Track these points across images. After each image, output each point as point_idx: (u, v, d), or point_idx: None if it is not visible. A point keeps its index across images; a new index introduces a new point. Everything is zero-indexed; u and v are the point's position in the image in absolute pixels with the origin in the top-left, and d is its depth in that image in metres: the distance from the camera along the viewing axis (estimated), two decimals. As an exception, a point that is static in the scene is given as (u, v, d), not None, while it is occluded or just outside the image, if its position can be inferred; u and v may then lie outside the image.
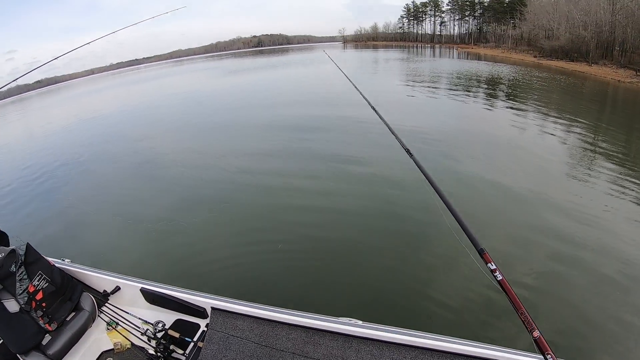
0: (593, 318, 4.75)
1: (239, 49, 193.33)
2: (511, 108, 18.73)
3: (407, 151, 2.70)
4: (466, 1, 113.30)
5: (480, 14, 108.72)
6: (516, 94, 24.68)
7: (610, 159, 11.16)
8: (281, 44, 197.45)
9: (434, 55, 71.65)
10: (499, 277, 1.18)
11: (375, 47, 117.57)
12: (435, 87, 25.53)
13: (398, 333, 2.45)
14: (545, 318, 4.72)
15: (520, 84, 30.31)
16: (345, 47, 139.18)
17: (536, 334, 0.91)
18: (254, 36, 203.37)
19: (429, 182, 2.23)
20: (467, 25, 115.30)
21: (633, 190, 8.77)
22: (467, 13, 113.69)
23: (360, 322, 2.63)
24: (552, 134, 14.21)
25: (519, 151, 12.11)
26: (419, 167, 2.47)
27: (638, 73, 44.05)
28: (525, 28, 74.26)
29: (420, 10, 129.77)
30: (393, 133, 3.00)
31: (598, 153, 11.79)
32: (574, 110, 18.55)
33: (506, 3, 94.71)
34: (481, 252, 1.33)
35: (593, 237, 6.66)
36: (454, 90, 24.58)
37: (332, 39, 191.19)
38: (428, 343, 2.34)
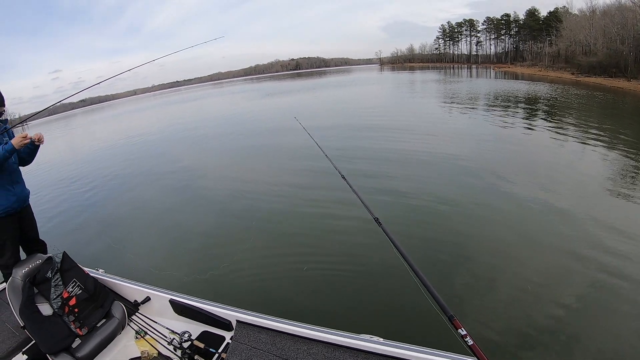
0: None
1: (277, 72, 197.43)
2: (550, 128, 17.89)
3: (376, 220, 2.76)
4: (501, 20, 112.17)
5: (516, 32, 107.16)
6: (555, 112, 23.98)
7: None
8: (319, 67, 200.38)
9: (470, 76, 70.07)
10: (470, 342, 1.26)
11: (411, 68, 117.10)
12: (474, 108, 25.04)
13: (419, 352, 2.44)
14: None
15: (557, 102, 29.49)
16: (382, 69, 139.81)
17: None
18: (292, 59, 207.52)
19: (395, 248, 2.35)
20: (503, 44, 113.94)
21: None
22: (502, 32, 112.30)
23: (381, 340, 2.64)
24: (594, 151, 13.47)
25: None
26: (386, 234, 2.59)
27: (627, 76, 42.08)
28: (562, 45, 72.32)
29: (456, 30, 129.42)
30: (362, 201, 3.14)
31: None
32: (616, 127, 17.82)
33: (542, 20, 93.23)
34: (451, 319, 1.41)
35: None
36: (493, 110, 24.26)
37: (368, 61, 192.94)
38: None
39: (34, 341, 3.34)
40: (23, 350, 3.43)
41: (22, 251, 4.26)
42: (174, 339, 3.52)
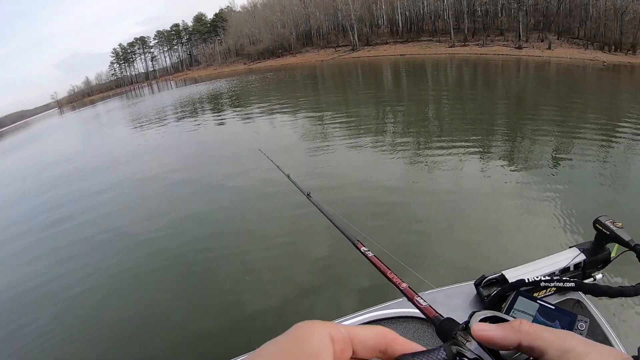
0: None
1: None
2: (238, 114, 19.76)
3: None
4: (172, 31, 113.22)
5: (187, 39, 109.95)
6: (240, 102, 26.15)
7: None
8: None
9: (152, 92, 68.62)
10: (370, 254, 1.30)
11: (92, 102, 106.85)
12: (165, 122, 23.65)
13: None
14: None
15: (238, 92, 32.61)
16: (62, 111, 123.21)
17: (404, 285, 1.06)
18: None
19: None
20: (177, 53, 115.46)
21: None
22: (174, 42, 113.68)
23: None
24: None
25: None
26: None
27: (336, 50, 49.57)
28: (231, 41, 77.15)
29: (129, 51, 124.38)
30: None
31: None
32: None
33: (209, 23, 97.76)
34: (355, 243, 1.44)
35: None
36: (184, 118, 23.71)
37: (47, 107, 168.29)
38: None
39: None
40: None
41: None
42: None
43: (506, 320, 0.42)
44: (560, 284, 1.07)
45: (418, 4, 47.30)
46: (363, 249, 1.33)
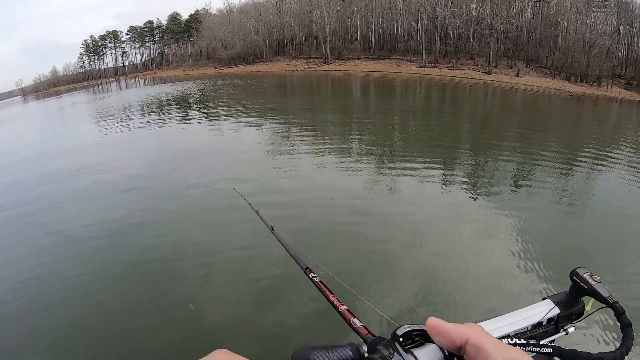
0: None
1: None
2: (207, 117, 20.48)
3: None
4: (145, 28, 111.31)
5: (160, 37, 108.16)
6: (207, 104, 26.83)
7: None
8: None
9: (120, 89, 67.09)
10: (317, 280, 1.37)
11: (58, 92, 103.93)
12: (128, 119, 23.19)
13: None
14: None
15: (206, 95, 32.93)
16: (25, 100, 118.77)
17: (343, 307, 1.11)
18: None
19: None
20: (148, 51, 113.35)
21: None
22: (147, 39, 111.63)
23: None
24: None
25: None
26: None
27: (308, 61, 49.37)
28: (204, 43, 76.53)
29: (100, 44, 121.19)
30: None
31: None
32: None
33: (184, 23, 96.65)
34: (305, 269, 1.53)
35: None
36: (147, 117, 23.25)
37: (10, 94, 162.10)
38: None
39: None
40: None
41: None
42: None
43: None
44: (537, 349, 0.85)
45: (392, 22, 47.60)
46: (312, 275, 1.41)
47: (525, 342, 0.92)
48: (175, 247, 6.40)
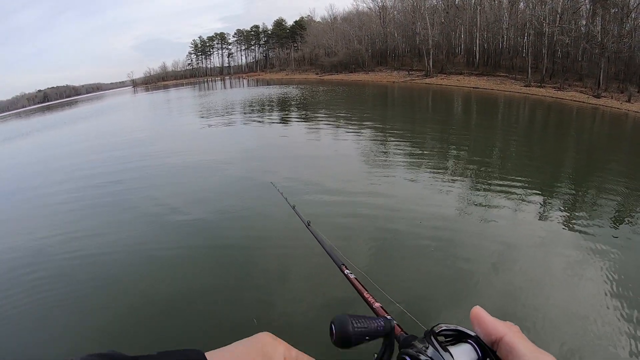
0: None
1: (24, 107, 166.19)
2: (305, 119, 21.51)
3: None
4: (251, 31, 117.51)
5: (265, 41, 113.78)
6: (307, 106, 28.21)
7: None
8: (69, 96, 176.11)
9: (224, 87, 72.23)
10: (352, 276, 1.36)
11: (166, 86, 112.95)
12: (233, 116, 26.22)
13: None
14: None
15: (307, 99, 34.36)
16: (135, 90, 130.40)
17: (377, 304, 1.11)
18: (39, 90, 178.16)
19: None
20: (253, 54, 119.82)
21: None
22: (252, 42, 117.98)
23: None
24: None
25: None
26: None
27: (409, 73, 50.10)
28: (307, 49, 79.11)
29: (208, 44, 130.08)
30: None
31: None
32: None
33: (288, 29, 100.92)
34: (340, 265, 1.53)
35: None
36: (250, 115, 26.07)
37: (122, 84, 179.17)
38: None
39: None
40: None
41: None
42: None
43: (469, 334, 0.49)
44: None
45: (498, 37, 47.10)
46: (347, 271, 1.43)
47: None
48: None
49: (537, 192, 9.95)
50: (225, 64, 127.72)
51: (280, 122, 22.31)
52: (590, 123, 25.06)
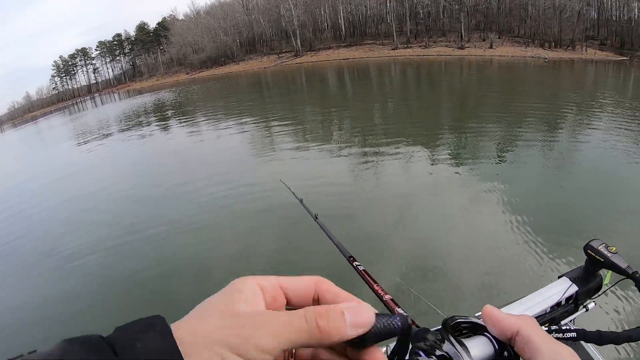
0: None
1: None
2: (184, 123, 19.99)
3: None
4: (114, 41, 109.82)
5: (130, 49, 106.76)
6: (182, 110, 26.89)
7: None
8: None
9: (96, 105, 66.67)
10: (361, 268, 1.34)
11: (34, 118, 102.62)
12: (109, 135, 22.89)
13: None
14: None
15: (180, 103, 32.59)
16: (2, 129, 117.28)
17: (387, 297, 1.11)
18: None
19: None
20: (120, 64, 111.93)
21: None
22: (117, 52, 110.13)
23: None
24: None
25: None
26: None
27: (279, 56, 48.75)
28: (174, 50, 75.74)
29: (71, 63, 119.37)
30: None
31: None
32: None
33: (152, 32, 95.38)
34: (349, 258, 1.50)
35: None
36: (129, 130, 23.09)
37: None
38: None
39: None
40: None
41: None
42: None
43: (484, 326, 0.45)
44: (560, 335, 1.01)
45: (361, 8, 46.94)
46: (355, 263, 1.41)
47: (547, 329, 1.01)
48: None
49: (423, 145, 10.00)
50: (93, 81, 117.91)
51: (162, 130, 20.13)
52: (459, 72, 25.39)
